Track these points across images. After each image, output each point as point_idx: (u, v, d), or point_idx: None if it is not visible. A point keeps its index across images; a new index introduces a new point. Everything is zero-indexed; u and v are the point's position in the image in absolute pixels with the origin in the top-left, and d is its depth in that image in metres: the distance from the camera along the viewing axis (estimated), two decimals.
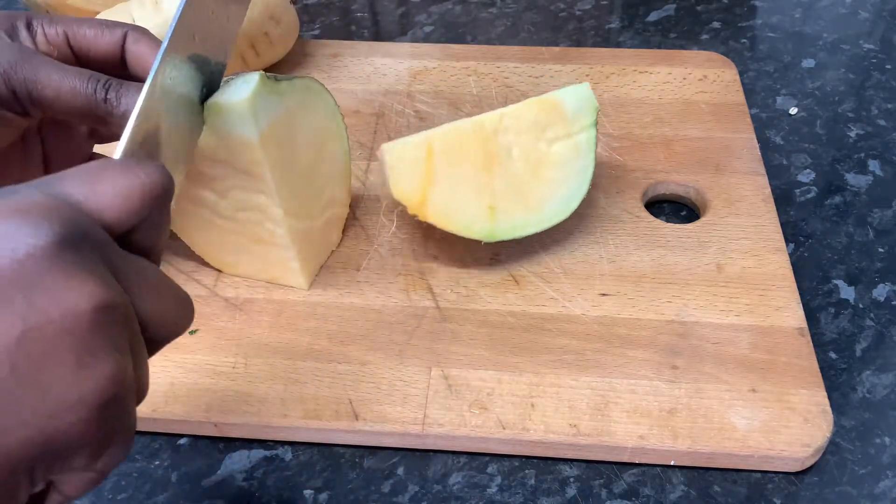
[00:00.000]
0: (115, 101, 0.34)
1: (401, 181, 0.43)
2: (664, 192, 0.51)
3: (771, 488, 0.38)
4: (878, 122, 0.57)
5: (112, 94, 0.34)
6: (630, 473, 0.39)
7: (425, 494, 0.38)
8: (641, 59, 0.60)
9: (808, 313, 0.44)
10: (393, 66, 0.60)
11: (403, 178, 0.43)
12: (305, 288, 0.45)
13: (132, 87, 0.34)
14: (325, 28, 0.69)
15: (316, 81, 0.42)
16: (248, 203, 0.41)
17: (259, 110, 0.37)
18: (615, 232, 0.47)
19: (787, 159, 0.55)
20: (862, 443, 0.40)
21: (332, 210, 0.46)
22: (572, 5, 0.70)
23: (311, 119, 0.42)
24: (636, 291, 0.44)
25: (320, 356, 0.42)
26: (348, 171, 0.46)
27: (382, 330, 0.43)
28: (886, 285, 0.47)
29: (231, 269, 0.45)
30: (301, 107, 0.41)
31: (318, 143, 0.43)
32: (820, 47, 0.64)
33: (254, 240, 0.43)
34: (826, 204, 0.51)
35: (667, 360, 0.41)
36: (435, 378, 0.40)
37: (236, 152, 0.39)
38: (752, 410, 0.39)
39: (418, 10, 0.71)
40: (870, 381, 0.42)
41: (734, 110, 0.55)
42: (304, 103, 0.41)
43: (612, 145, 0.53)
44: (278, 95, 0.39)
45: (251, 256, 0.44)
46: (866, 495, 0.38)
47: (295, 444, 0.40)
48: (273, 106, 0.38)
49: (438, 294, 0.44)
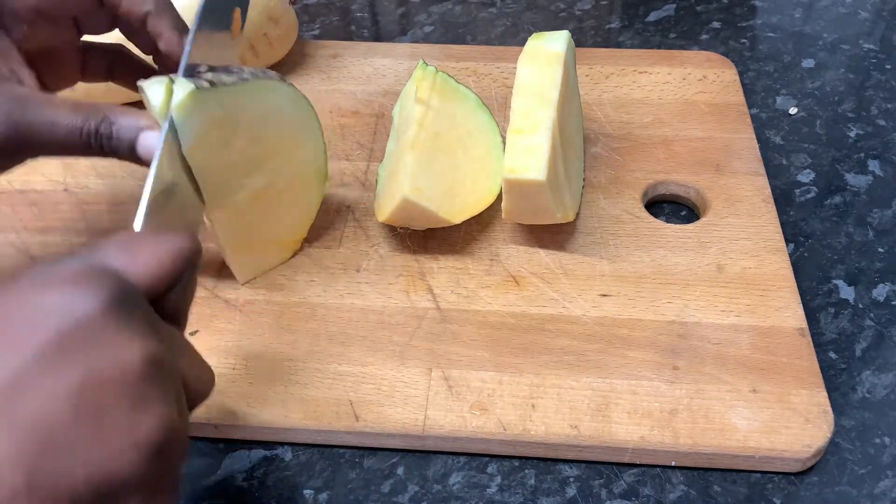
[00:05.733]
0: (107, 139, 0.35)
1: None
2: (664, 193, 0.51)
3: (771, 488, 0.38)
4: (878, 122, 0.57)
5: (105, 129, 0.35)
6: (630, 473, 0.39)
7: (425, 494, 0.38)
8: (641, 59, 0.60)
9: (808, 313, 0.44)
10: (393, 67, 0.60)
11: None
12: (239, 282, 0.45)
13: (123, 123, 0.36)
14: (324, 28, 0.69)
15: (277, 81, 0.41)
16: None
17: (181, 123, 0.36)
18: (615, 232, 0.47)
19: (786, 159, 0.55)
20: (862, 443, 0.40)
21: (291, 213, 0.45)
22: (572, 5, 0.70)
23: (265, 121, 0.41)
24: (636, 292, 0.44)
25: (321, 357, 0.42)
26: (321, 173, 0.45)
27: (383, 331, 0.43)
28: (886, 285, 0.47)
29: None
30: (248, 109, 0.39)
31: (275, 143, 0.42)
32: (820, 47, 0.64)
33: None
34: (826, 204, 0.52)
35: (667, 361, 0.41)
36: (435, 379, 0.40)
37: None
38: (753, 411, 0.39)
39: (418, 10, 0.71)
40: (869, 382, 0.42)
41: (734, 110, 0.55)
42: (252, 104, 0.40)
43: (612, 145, 0.53)
44: (210, 103, 0.37)
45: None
46: (866, 495, 0.38)
47: (295, 445, 0.40)
48: (200, 115, 0.37)
49: (439, 295, 0.44)
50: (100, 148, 0.35)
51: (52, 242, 0.47)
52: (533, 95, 0.44)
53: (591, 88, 0.57)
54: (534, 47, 0.47)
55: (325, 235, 0.48)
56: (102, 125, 0.35)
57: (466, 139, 0.47)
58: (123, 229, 0.47)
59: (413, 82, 0.49)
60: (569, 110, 0.48)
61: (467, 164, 0.47)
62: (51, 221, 0.49)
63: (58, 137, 0.34)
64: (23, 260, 0.47)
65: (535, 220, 0.46)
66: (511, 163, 0.42)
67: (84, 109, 0.35)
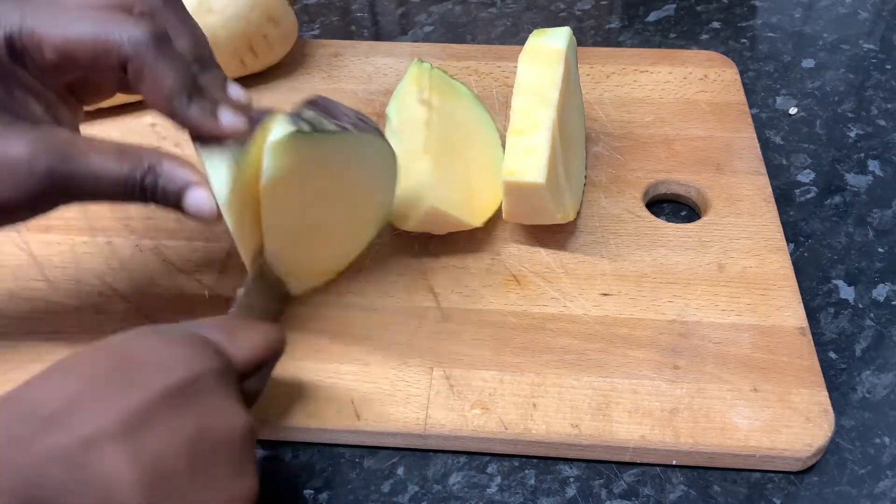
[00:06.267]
0: (151, 191, 0.33)
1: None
2: (665, 192, 0.51)
3: (771, 488, 0.38)
4: (878, 122, 0.57)
5: (150, 182, 0.33)
6: (630, 473, 0.39)
7: (425, 494, 0.38)
8: (642, 58, 0.60)
9: (808, 313, 0.44)
10: (394, 66, 0.60)
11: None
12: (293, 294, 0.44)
13: (169, 176, 0.33)
14: (325, 28, 0.69)
15: (376, 136, 0.40)
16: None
17: (269, 161, 0.35)
18: (616, 232, 0.47)
19: (786, 159, 0.55)
20: (862, 443, 0.40)
21: (342, 245, 0.44)
22: (572, 5, 0.70)
23: (349, 167, 0.40)
24: (637, 291, 0.44)
25: (322, 357, 0.42)
26: (386, 214, 0.44)
27: (384, 330, 0.43)
28: (886, 285, 0.47)
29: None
30: (339, 155, 0.38)
31: (352, 186, 0.41)
32: (820, 47, 0.64)
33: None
34: (826, 204, 0.52)
35: (668, 360, 0.41)
36: (437, 378, 0.40)
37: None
38: (754, 410, 0.39)
39: (418, 10, 0.71)
40: (869, 381, 0.42)
41: (735, 110, 0.55)
42: (345, 152, 0.39)
43: (612, 145, 0.53)
44: (304, 147, 0.36)
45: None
46: (866, 495, 0.38)
47: (295, 444, 0.40)
48: (290, 156, 0.36)
49: (440, 294, 0.44)
50: (143, 199, 0.33)
51: (54, 241, 0.47)
52: (533, 95, 0.44)
53: (591, 88, 0.57)
54: (534, 45, 0.47)
55: None
56: (148, 177, 0.33)
57: (469, 138, 0.48)
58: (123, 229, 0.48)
59: (410, 81, 0.49)
60: (570, 108, 0.48)
61: (474, 162, 0.47)
62: (52, 220, 0.49)
63: (101, 189, 0.32)
64: (25, 259, 0.47)
65: (535, 220, 0.46)
66: (511, 164, 0.42)
67: (129, 160, 0.32)
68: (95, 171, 0.32)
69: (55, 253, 0.47)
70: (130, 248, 0.47)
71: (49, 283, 0.45)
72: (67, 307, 0.44)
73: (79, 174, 0.31)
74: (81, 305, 0.44)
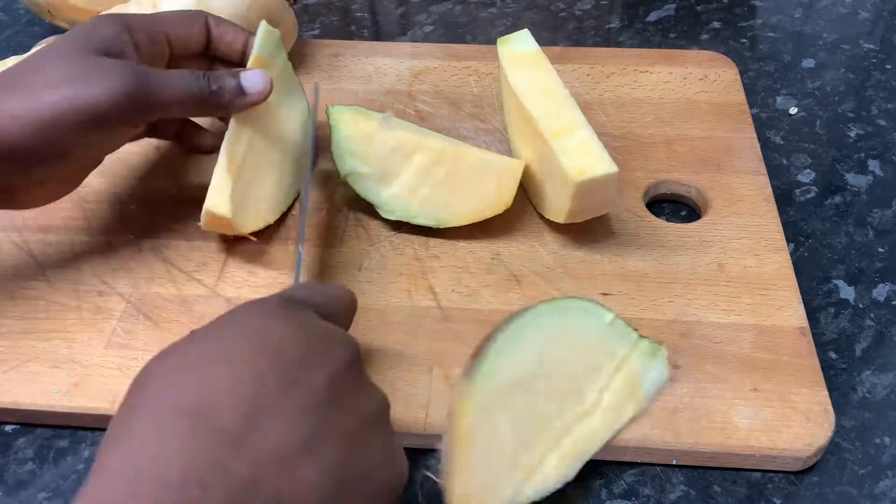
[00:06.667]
0: (215, 90, 0.42)
1: None
2: (665, 192, 0.51)
3: (771, 488, 0.38)
4: (878, 122, 0.57)
5: (215, 85, 0.42)
6: (630, 473, 0.39)
7: (425, 494, 0.38)
8: (642, 58, 0.60)
9: (808, 313, 0.44)
10: (394, 66, 0.60)
11: None
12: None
13: (223, 72, 0.43)
14: (324, 28, 0.69)
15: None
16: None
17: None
18: (616, 231, 0.47)
19: (787, 159, 0.55)
20: (862, 443, 0.40)
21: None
22: (572, 5, 0.70)
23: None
24: (638, 291, 0.44)
25: None
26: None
27: (384, 330, 0.43)
28: (886, 285, 0.47)
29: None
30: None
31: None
32: (820, 47, 0.64)
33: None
34: (826, 204, 0.52)
35: (668, 360, 0.41)
36: (437, 378, 0.40)
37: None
38: (754, 410, 0.39)
39: (418, 10, 0.71)
40: (870, 381, 0.42)
41: (735, 110, 0.55)
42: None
43: (612, 145, 0.53)
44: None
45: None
46: (866, 495, 0.38)
47: None
48: None
49: (440, 294, 0.44)
50: (213, 99, 0.42)
51: (54, 241, 0.47)
52: (545, 97, 0.45)
53: (591, 88, 0.57)
54: (509, 54, 0.49)
55: (326, 234, 0.48)
56: (211, 80, 0.42)
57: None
58: (123, 229, 0.47)
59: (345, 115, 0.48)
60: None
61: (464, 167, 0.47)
62: (52, 220, 0.49)
63: (175, 94, 0.41)
64: (24, 259, 0.47)
65: (595, 214, 0.46)
66: (574, 165, 0.42)
67: (192, 73, 0.42)
68: (169, 83, 0.41)
69: (55, 253, 0.47)
70: (130, 248, 0.47)
71: (49, 283, 0.45)
72: (67, 307, 0.44)
73: (155, 84, 0.40)
74: (81, 305, 0.44)
